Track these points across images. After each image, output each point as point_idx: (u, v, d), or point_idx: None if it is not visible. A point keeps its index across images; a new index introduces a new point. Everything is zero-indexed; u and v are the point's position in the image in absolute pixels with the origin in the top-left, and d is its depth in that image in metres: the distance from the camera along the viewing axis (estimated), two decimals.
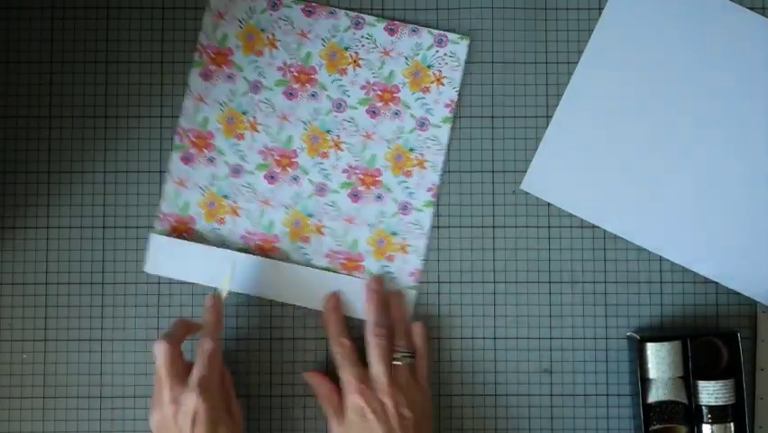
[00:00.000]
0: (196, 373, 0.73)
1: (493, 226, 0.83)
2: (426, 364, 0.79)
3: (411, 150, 0.82)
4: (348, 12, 0.83)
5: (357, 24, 0.82)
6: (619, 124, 0.83)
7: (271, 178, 0.82)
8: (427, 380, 0.79)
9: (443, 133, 0.82)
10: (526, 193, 0.83)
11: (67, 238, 0.82)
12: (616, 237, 0.83)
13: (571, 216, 0.83)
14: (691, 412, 0.78)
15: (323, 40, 0.83)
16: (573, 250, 0.83)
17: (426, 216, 0.82)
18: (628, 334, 0.81)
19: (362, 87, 0.82)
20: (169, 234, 0.82)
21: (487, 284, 0.82)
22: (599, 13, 0.84)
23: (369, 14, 0.83)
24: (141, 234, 0.83)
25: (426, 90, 0.82)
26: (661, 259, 0.82)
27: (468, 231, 0.83)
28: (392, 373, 0.76)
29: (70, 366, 0.82)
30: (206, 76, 0.82)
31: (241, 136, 0.82)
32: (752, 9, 0.83)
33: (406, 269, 0.82)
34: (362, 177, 0.82)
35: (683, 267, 0.82)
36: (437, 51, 0.82)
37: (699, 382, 0.78)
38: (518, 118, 0.83)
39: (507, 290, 0.82)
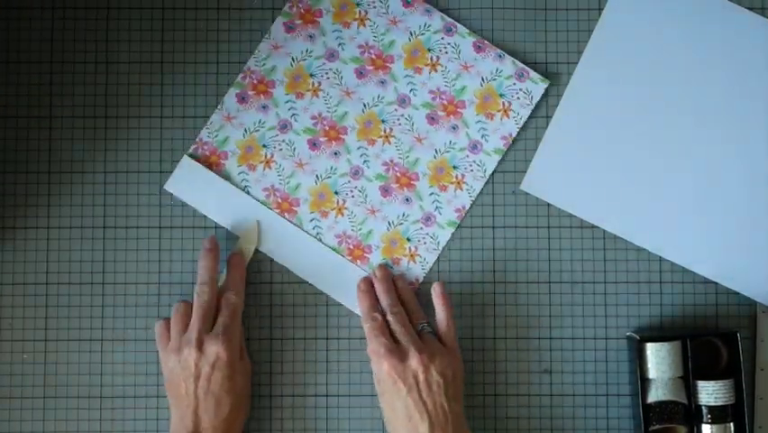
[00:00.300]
0: (221, 323, 0.76)
1: (493, 227, 0.83)
2: (452, 326, 0.79)
3: (455, 167, 0.82)
4: (444, 15, 0.83)
5: (448, 31, 0.82)
6: (619, 124, 0.83)
7: (314, 145, 0.83)
8: (455, 341, 0.79)
9: (491, 162, 0.82)
10: (526, 193, 0.83)
11: (67, 238, 0.82)
12: (616, 237, 0.83)
13: (571, 216, 0.83)
14: (691, 412, 0.78)
15: (411, 33, 0.83)
16: (573, 250, 0.83)
17: (445, 235, 0.82)
18: (628, 334, 0.81)
19: (431, 92, 0.83)
20: (198, 162, 0.83)
21: (487, 284, 0.82)
22: (599, 14, 0.84)
23: (461, 24, 0.83)
24: (142, 234, 0.83)
25: (490, 116, 0.82)
26: (661, 259, 0.82)
27: (468, 231, 0.83)
28: (418, 343, 0.76)
29: (70, 366, 0.82)
30: (290, 29, 0.83)
31: (300, 96, 0.83)
32: (752, 9, 0.83)
33: (408, 276, 0.82)
34: (399, 175, 0.82)
35: (683, 267, 0.82)
36: (514, 84, 0.82)
37: (699, 382, 0.78)
38: None
39: (506, 290, 0.82)
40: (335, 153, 0.83)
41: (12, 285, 0.82)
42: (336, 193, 0.83)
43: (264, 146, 0.83)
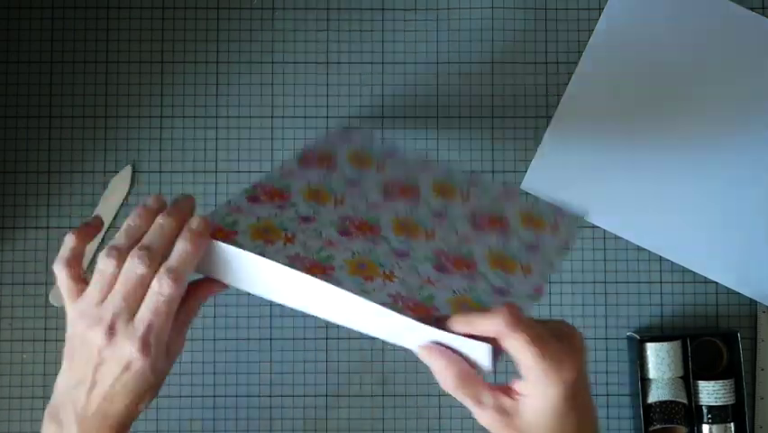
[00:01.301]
0: (145, 319, 0.55)
1: None
2: None
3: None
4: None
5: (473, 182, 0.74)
6: (619, 123, 0.83)
7: (345, 232, 0.66)
8: None
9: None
10: (526, 193, 0.83)
11: None
12: (616, 237, 0.83)
13: None
14: (691, 412, 0.78)
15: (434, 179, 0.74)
16: (573, 250, 0.82)
17: None
18: (628, 334, 0.81)
19: (466, 214, 0.71)
20: None
21: None
22: (599, 14, 0.84)
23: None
24: None
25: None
26: (661, 259, 0.82)
27: None
28: None
29: None
30: (306, 162, 0.72)
31: (323, 203, 0.68)
32: (752, 9, 0.83)
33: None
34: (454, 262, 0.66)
35: (683, 267, 0.82)
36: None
37: (699, 382, 0.78)
38: (518, 118, 0.83)
39: None
40: (372, 240, 0.66)
41: (12, 285, 0.82)
42: (381, 265, 0.63)
43: (284, 229, 0.63)
